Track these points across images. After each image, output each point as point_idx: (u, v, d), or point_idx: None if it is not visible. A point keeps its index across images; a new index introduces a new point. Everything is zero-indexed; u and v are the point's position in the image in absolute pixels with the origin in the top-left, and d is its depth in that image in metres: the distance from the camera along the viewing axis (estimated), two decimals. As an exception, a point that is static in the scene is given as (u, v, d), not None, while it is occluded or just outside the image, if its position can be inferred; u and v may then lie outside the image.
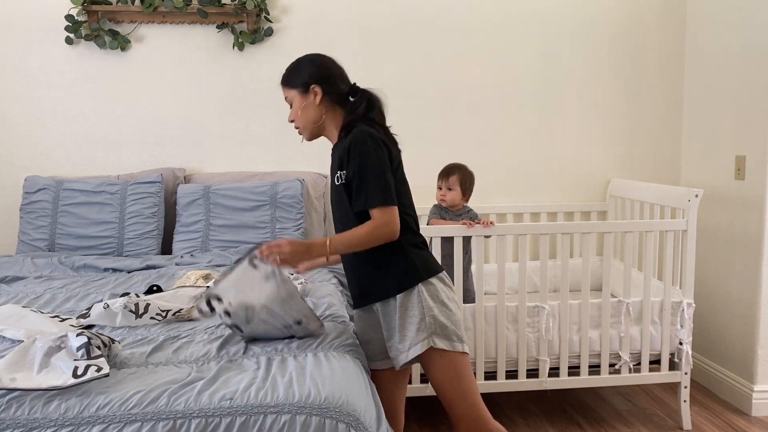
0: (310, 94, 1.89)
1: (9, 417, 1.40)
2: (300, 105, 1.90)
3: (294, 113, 1.92)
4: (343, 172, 1.83)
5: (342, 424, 1.45)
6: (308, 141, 1.98)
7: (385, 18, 3.35)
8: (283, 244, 1.73)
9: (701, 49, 3.36)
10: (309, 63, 1.92)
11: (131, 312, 2.00)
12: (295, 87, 1.91)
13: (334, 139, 1.94)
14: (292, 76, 1.93)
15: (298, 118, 1.91)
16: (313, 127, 1.92)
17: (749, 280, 2.95)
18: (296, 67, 1.93)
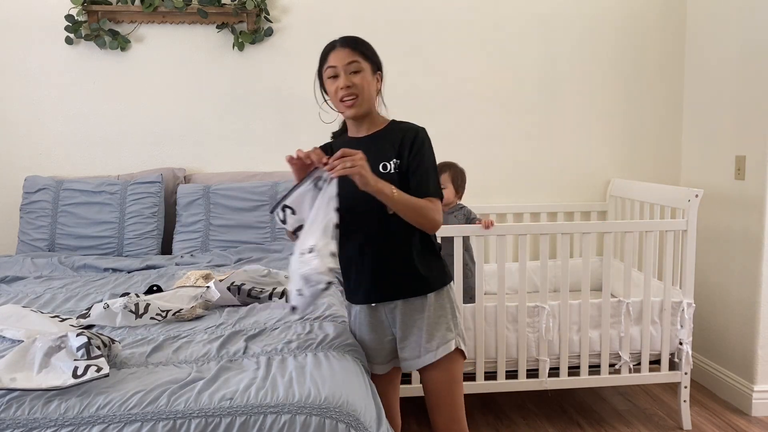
0: (376, 76, 1.88)
1: (9, 417, 1.40)
2: (368, 79, 1.83)
3: (359, 80, 1.80)
4: (396, 161, 1.79)
5: (342, 424, 1.45)
6: (353, 116, 1.84)
7: (385, 18, 3.35)
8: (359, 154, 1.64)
9: (701, 49, 3.36)
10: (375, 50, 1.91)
11: (131, 312, 2.00)
12: (368, 60, 1.85)
13: (366, 128, 1.87)
14: (366, 47, 1.86)
15: (365, 87, 1.81)
16: (368, 106, 1.84)
17: (749, 280, 2.95)
18: (366, 43, 1.88)
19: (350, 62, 1.81)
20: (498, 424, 2.85)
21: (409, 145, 1.79)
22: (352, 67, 1.81)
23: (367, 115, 1.86)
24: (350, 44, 1.83)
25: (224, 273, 2.54)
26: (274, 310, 2.12)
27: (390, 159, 1.80)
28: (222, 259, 2.83)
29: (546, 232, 2.70)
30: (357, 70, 1.81)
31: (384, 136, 1.85)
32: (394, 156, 1.80)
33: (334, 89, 1.83)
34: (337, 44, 1.85)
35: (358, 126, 1.89)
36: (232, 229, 3.01)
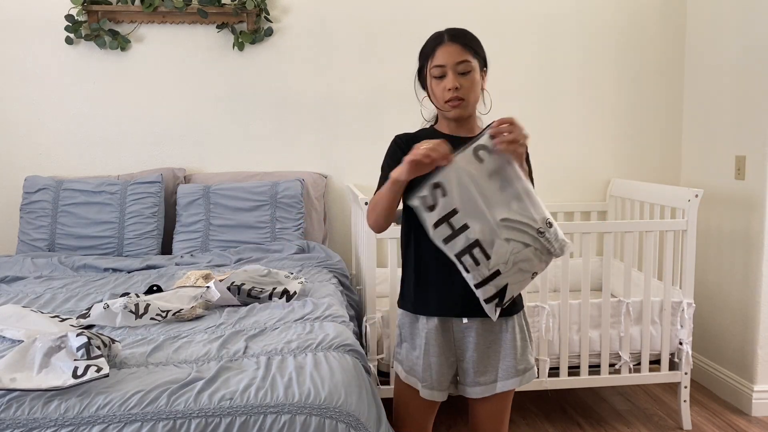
0: (482, 73, 1.72)
1: (9, 417, 1.40)
2: (477, 80, 1.68)
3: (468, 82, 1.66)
4: None
5: (342, 424, 1.45)
6: (455, 118, 1.69)
7: (386, 18, 3.35)
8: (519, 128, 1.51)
9: (701, 49, 3.36)
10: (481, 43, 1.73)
11: (131, 312, 2.00)
12: (477, 57, 1.69)
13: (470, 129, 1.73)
14: (477, 44, 1.70)
15: (472, 88, 1.67)
16: (475, 106, 1.71)
17: (749, 280, 2.95)
18: (475, 38, 1.71)
19: (460, 62, 1.65)
20: (498, 424, 2.85)
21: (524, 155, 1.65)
22: (461, 67, 1.65)
23: (469, 117, 1.73)
24: (460, 40, 1.66)
25: (224, 273, 2.54)
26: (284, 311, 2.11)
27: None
28: (222, 259, 2.83)
29: (546, 232, 2.69)
30: (467, 71, 1.66)
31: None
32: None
33: (441, 89, 1.66)
34: (445, 38, 1.66)
35: (457, 126, 1.74)
36: (232, 229, 3.01)
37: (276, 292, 2.24)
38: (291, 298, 2.22)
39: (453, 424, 2.82)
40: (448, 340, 1.71)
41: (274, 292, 2.24)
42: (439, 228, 1.50)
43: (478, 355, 1.69)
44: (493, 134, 1.50)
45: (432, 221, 1.50)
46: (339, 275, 2.70)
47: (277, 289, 2.25)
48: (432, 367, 1.70)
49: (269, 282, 2.33)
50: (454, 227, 1.49)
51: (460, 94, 1.64)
